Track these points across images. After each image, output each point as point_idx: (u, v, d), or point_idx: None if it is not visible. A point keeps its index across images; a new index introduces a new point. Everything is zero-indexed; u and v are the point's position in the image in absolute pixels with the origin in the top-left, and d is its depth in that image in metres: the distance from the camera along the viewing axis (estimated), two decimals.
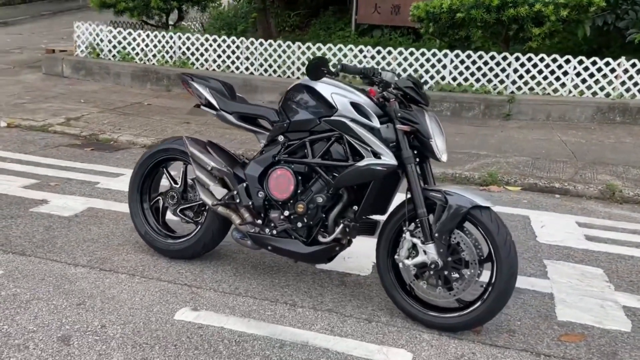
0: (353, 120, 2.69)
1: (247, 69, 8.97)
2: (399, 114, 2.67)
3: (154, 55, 9.31)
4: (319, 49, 8.61)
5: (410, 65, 8.29)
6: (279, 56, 8.80)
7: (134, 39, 9.39)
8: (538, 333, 2.75)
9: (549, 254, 3.68)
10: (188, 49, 9.20)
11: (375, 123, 2.67)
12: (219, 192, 3.01)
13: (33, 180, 4.56)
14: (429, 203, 2.63)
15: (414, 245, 2.64)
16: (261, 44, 8.80)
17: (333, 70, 2.69)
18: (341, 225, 2.78)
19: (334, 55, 8.46)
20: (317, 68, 2.63)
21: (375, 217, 2.86)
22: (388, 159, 2.61)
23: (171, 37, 9.22)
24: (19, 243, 3.35)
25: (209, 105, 3.10)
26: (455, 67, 8.24)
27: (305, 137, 2.83)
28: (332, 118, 2.73)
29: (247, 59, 8.94)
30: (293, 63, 8.72)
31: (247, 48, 8.84)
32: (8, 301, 2.70)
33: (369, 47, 8.55)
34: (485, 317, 2.63)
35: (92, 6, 10.28)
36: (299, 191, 2.82)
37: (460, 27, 7.85)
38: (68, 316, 2.60)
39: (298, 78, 8.52)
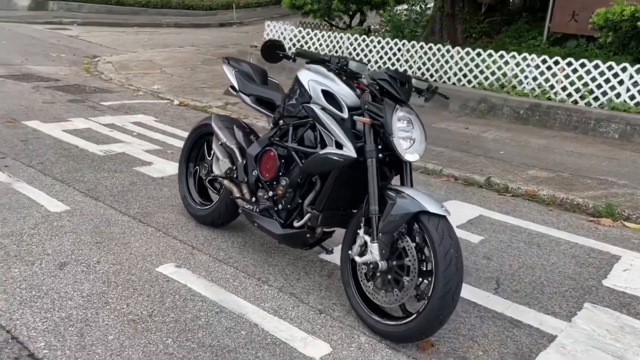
0: (323, 108, 2.71)
1: (405, 71, 9.01)
2: (366, 106, 2.61)
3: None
4: (513, 57, 8.15)
5: (580, 78, 7.45)
6: (456, 63, 8.59)
7: (311, 38, 10.14)
8: None
9: (600, 298, 3.17)
10: (355, 49, 9.60)
11: (344, 114, 2.65)
12: (224, 166, 3.28)
13: (157, 146, 5.37)
14: (385, 202, 2.53)
15: (365, 243, 2.57)
16: (439, 50, 8.71)
17: (289, 54, 2.73)
18: (308, 213, 2.82)
19: (527, 65, 7.93)
20: (271, 50, 2.69)
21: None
22: (347, 150, 2.58)
23: (341, 38, 9.72)
24: (100, 190, 4.07)
25: (233, 87, 3.38)
26: (635, 84, 7.17)
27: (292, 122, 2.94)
28: (306, 105, 2.79)
29: (407, 61, 8.98)
30: (471, 71, 8.43)
31: (417, 52, 8.86)
32: (53, 229, 3.36)
33: (557, 58, 7.84)
34: (417, 332, 2.44)
35: (284, 7, 11.35)
36: (280, 173, 2.94)
37: None
38: (80, 249, 3.14)
39: (474, 87, 8.32)
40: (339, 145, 2.62)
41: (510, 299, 3.11)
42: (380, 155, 2.59)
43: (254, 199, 3.13)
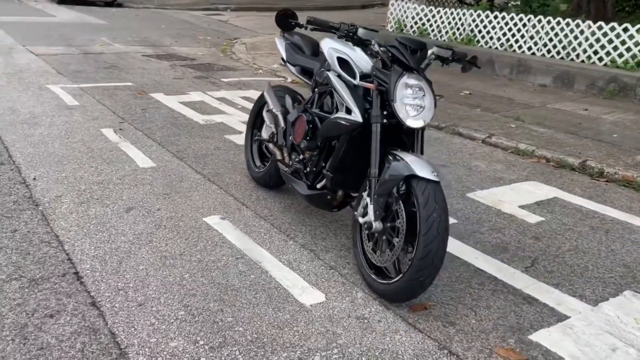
0: (338, 75, 2.85)
1: (529, 48, 8.54)
2: (374, 72, 2.71)
3: (447, 32, 9.72)
4: None
5: None
6: (586, 39, 7.98)
7: (433, 16, 9.99)
8: (476, 334, 2.47)
9: None
10: (477, 26, 9.28)
11: (356, 80, 2.78)
12: (270, 131, 3.57)
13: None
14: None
15: (366, 205, 2.70)
16: (567, 24, 8.19)
17: (301, 22, 2.88)
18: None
19: None
20: (285, 19, 2.86)
21: None
22: (354, 116, 2.72)
23: (464, 14, 9.44)
24: (187, 152, 4.62)
25: (283, 58, 3.64)
26: None
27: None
28: (325, 72, 2.95)
29: (532, 38, 8.50)
30: (602, 47, 7.79)
31: (543, 28, 8.36)
32: (134, 181, 3.93)
33: None
34: (402, 292, 2.53)
35: None
36: (308, 138, 3.14)
37: None
38: (149, 198, 3.67)
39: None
40: (349, 111, 2.76)
41: (538, 278, 3.02)
42: (385, 121, 2.68)
43: (290, 162, 3.38)
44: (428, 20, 10.11)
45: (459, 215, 3.78)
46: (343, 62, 2.87)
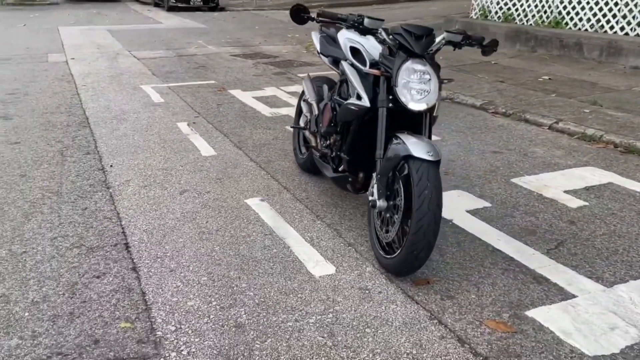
0: (352, 64, 3.04)
1: (622, 28, 8.04)
2: (381, 60, 2.87)
3: (533, 16, 9.38)
4: None
5: None
6: None
7: (519, 0, 9.66)
8: (471, 308, 2.58)
9: None
10: (565, 7, 8.87)
11: (366, 68, 2.95)
12: (305, 119, 3.82)
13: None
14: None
15: (374, 184, 2.88)
16: None
17: (312, 16, 3.06)
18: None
19: None
20: (298, 13, 3.05)
21: None
22: (363, 101, 2.90)
23: None
24: (247, 142, 5.00)
25: (317, 50, 3.87)
26: None
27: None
28: (342, 61, 3.14)
29: (624, 17, 7.98)
30: None
31: (626, 4, 7.86)
32: (194, 168, 4.37)
33: None
34: (400, 266, 2.68)
35: None
36: (332, 124, 3.36)
37: None
38: (202, 182, 4.08)
39: None
40: (359, 97, 2.95)
41: (558, 259, 3.01)
42: (391, 105, 2.83)
43: (320, 147, 3.62)
44: (514, 5, 9.79)
45: (495, 199, 3.80)
46: (356, 51, 3.06)
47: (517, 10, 9.71)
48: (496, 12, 10.11)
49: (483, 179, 4.17)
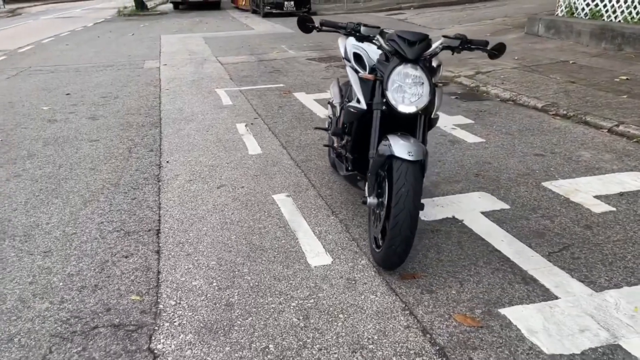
0: (354, 68, 3.23)
1: None
2: (376, 65, 3.04)
3: (622, 12, 8.87)
4: None
5: None
6: None
7: None
8: (446, 302, 2.69)
9: None
10: None
11: (361, 73, 3.13)
12: (328, 120, 4.04)
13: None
14: None
15: None
16: None
17: (316, 25, 3.23)
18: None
19: None
20: (304, 23, 3.25)
21: None
22: (361, 104, 3.09)
23: None
24: (293, 143, 5.32)
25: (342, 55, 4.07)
26: None
27: None
28: (346, 66, 3.34)
29: None
30: None
31: None
32: (239, 165, 4.76)
33: None
34: (383, 260, 2.84)
35: None
36: (343, 125, 3.57)
37: None
38: (239, 179, 4.44)
39: None
40: (358, 100, 3.13)
41: (555, 262, 3.01)
42: (384, 107, 2.99)
43: (338, 147, 3.83)
44: (602, 0, 9.28)
45: (516, 202, 3.79)
46: (359, 57, 3.24)
47: (605, 6, 9.20)
48: (583, 9, 9.63)
49: (513, 182, 4.15)
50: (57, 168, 4.83)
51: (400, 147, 2.74)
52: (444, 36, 3.04)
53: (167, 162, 4.92)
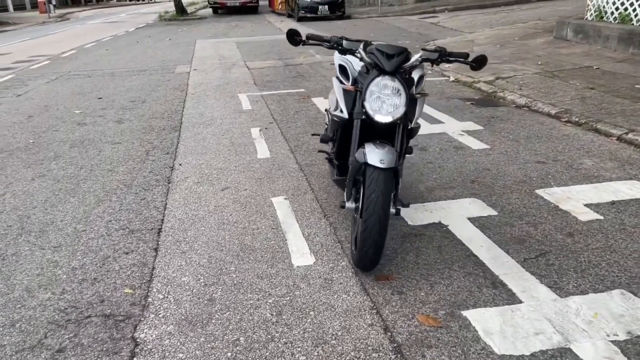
0: (339, 79, 3.40)
1: None
2: (357, 76, 3.20)
3: None
4: None
5: None
6: None
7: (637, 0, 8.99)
8: (413, 303, 2.83)
9: None
10: None
11: (343, 84, 3.30)
12: (325, 127, 4.22)
13: None
14: None
15: None
16: None
17: (303, 39, 3.39)
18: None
19: None
20: (292, 37, 3.41)
21: None
22: (343, 113, 3.26)
23: None
24: (301, 148, 5.51)
25: None
26: None
27: None
28: (334, 77, 3.51)
29: None
30: None
31: None
32: (243, 169, 4.99)
33: None
34: (358, 262, 3.00)
35: None
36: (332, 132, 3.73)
37: None
38: (244, 182, 4.66)
39: None
40: (342, 110, 3.30)
41: (528, 268, 3.10)
42: (364, 117, 3.14)
43: (330, 152, 3.99)
44: (631, 4, 9.10)
45: (505, 209, 3.87)
46: (343, 69, 3.41)
47: (634, 10, 9.03)
48: (612, 13, 9.47)
49: (507, 189, 4.22)
50: (79, 169, 5.17)
51: (374, 155, 2.89)
52: (423, 49, 3.17)
53: (180, 164, 5.19)
